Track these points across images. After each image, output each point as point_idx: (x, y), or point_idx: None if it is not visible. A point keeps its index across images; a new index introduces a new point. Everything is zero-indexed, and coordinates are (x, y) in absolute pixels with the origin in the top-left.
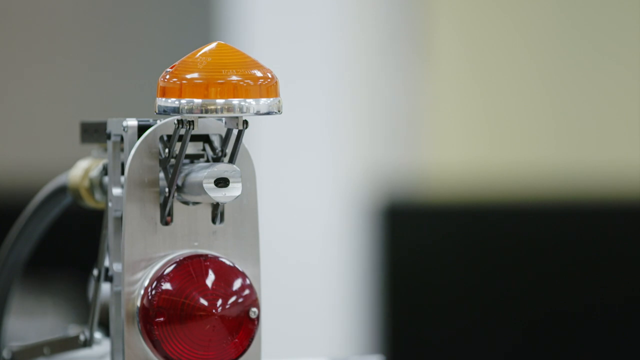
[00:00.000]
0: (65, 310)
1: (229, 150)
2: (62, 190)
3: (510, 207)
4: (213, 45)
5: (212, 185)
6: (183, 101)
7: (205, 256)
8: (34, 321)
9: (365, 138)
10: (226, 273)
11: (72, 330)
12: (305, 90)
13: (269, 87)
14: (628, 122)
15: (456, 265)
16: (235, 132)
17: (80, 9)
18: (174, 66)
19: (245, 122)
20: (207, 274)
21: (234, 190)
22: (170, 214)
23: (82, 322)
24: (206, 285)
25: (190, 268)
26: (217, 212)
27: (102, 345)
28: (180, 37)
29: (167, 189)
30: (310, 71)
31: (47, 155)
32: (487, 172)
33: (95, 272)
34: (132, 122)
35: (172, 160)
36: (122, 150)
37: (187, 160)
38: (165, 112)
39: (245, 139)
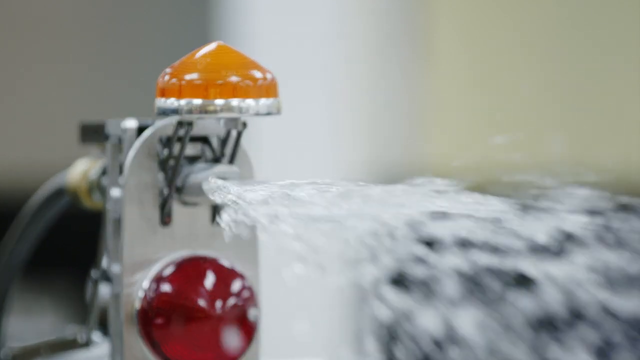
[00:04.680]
0: (64, 310)
1: (228, 152)
2: (60, 191)
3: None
4: (212, 45)
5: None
6: (182, 102)
7: (205, 257)
8: (32, 321)
9: (366, 138)
10: (225, 274)
11: (71, 331)
12: (305, 90)
13: (268, 88)
14: (630, 121)
15: None
16: (234, 133)
17: (79, 8)
18: (173, 66)
19: (244, 124)
20: (206, 276)
21: None
22: (169, 215)
23: (81, 323)
24: (205, 287)
25: (190, 269)
26: (216, 213)
27: (101, 347)
28: (180, 37)
29: (166, 190)
30: (310, 71)
31: (46, 155)
32: (489, 172)
33: (94, 273)
34: (131, 123)
35: (172, 161)
36: (121, 151)
37: (186, 161)
38: (165, 112)
39: (245, 139)
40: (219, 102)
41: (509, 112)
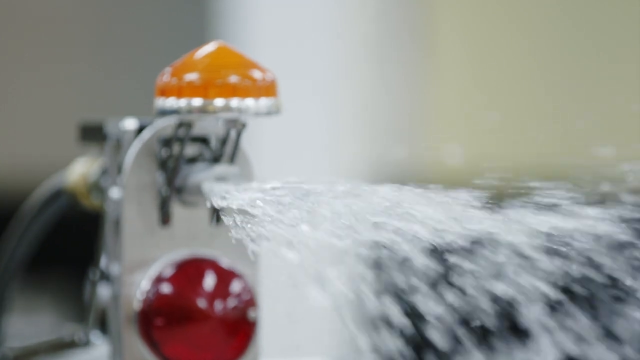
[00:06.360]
0: (64, 309)
1: (228, 152)
2: (59, 191)
3: None
4: (212, 45)
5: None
6: (182, 102)
7: (204, 258)
8: (31, 321)
9: (367, 137)
10: (225, 275)
11: (70, 331)
12: (305, 90)
13: (268, 88)
14: (632, 121)
15: None
16: (234, 133)
17: (79, 8)
18: (172, 66)
19: (243, 124)
20: (205, 276)
21: None
22: (168, 215)
23: (80, 323)
24: (205, 287)
25: (189, 270)
26: (216, 213)
27: (100, 347)
28: (180, 37)
29: (165, 190)
30: (310, 70)
31: (44, 154)
32: (491, 172)
33: (92, 273)
34: (131, 123)
35: (171, 161)
36: (120, 151)
37: (185, 162)
38: (164, 112)
39: (245, 140)
40: (219, 102)
41: (510, 112)
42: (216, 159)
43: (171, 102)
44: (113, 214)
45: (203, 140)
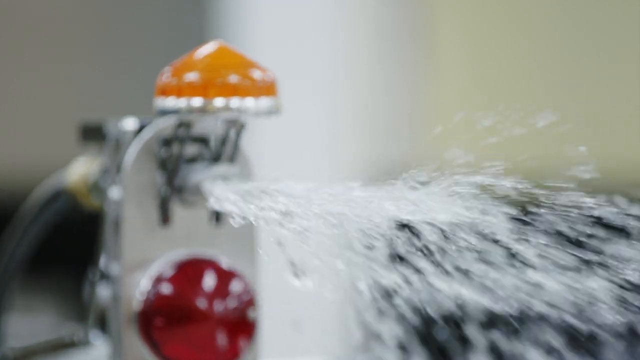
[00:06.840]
0: (64, 309)
1: (228, 152)
2: (59, 191)
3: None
4: (212, 45)
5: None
6: (182, 101)
7: (204, 258)
8: (31, 321)
9: (367, 138)
10: (225, 274)
11: (70, 331)
12: (305, 90)
13: (268, 88)
14: (632, 121)
15: None
16: (233, 132)
17: (79, 8)
18: (172, 66)
19: (243, 124)
20: (205, 276)
21: None
22: (168, 215)
23: (80, 323)
24: (205, 287)
25: (189, 270)
26: (215, 213)
27: (100, 347)
28: (179, 37)
29: (165, 190)
30: (310, 70)
31: (44, 154)
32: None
33: (93, 273)
34: (130, 123)
35: (171, 161)
36: (120, 150)
37: (185, 161)
38: (164, 112)
39: (245, 139)
40: (219, 102)
41: (510, 112)
42: (216, 159)
43: (171, 101)
44: (113, 214)
45: (203, 140)
